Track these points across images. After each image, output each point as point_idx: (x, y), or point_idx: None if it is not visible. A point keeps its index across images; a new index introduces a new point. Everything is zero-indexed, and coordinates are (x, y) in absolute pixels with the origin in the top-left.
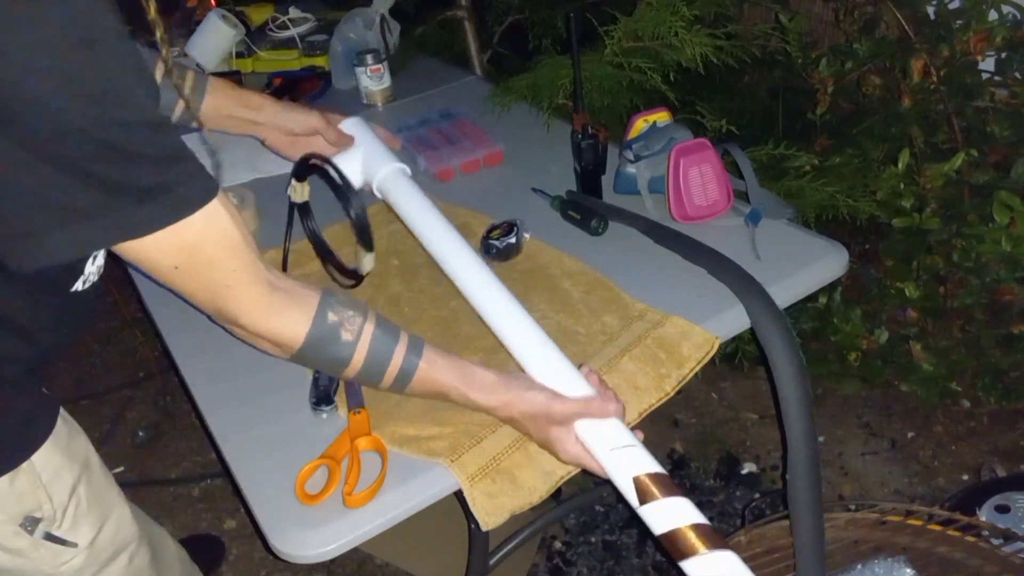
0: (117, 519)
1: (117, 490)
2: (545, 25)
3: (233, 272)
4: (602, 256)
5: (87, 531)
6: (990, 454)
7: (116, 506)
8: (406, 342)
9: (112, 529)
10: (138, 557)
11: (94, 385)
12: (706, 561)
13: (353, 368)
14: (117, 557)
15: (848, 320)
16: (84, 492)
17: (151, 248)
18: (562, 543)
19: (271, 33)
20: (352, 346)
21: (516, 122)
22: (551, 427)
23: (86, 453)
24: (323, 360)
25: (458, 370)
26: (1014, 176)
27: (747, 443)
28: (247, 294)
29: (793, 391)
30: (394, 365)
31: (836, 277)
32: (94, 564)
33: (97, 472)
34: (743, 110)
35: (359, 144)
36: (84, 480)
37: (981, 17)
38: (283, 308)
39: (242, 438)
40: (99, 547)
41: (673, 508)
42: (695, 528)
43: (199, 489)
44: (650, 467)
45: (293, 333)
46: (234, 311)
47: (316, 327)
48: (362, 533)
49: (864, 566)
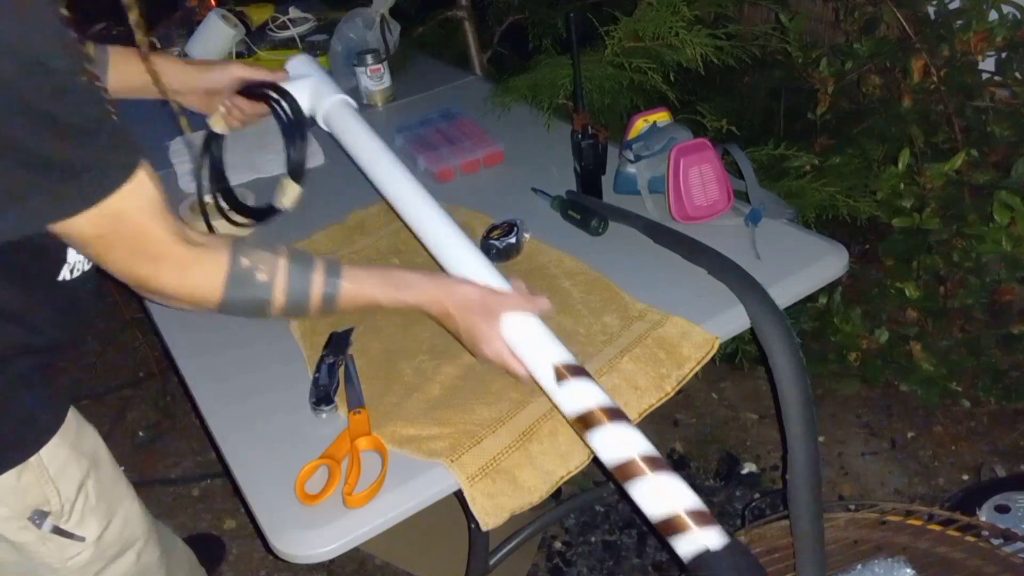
0: (125, 515)
1: (127, 487)
2: (545, 25)
3: (156, 235)
4: (602, 256)
5: (95, 526)
6: (990, 454)
7: (125, 502)
8: (323, 268)
9: (120, 525)
10: (146, 554)
11: (94, 385)
12: (608, 431)
13: (277, 306)
14: (124, 553)
15: (848, 320)
16: (92, 487)
17: (79, 219)
18: (562, 543)
19: (271, 33)
20: (269, 285)
21: (516, 122)
22: (483, 321)
23: (95, 449)
24: (245, 304)
25: (384, 277)
26: (1014, 176)
27: (747, 443)
28: (168, 255)
29: (793, 391)
30: (316, 293)
31: (836, 277)
32: (101, 559)
33: (106, 468)
34: (743, 110)
35: (307, 77)
36: (92, 475)
37: (981, 17)
38: (198, 263)
39: (242, 438)
40: (106, 542)
41: (586, 390)
42: (604, 410)
43: (199, 489)
44: (568, 359)
45: (211, 285)
46: (154, 273)
47: (232, 275)
48: (362, 533)
49: (864, 566)
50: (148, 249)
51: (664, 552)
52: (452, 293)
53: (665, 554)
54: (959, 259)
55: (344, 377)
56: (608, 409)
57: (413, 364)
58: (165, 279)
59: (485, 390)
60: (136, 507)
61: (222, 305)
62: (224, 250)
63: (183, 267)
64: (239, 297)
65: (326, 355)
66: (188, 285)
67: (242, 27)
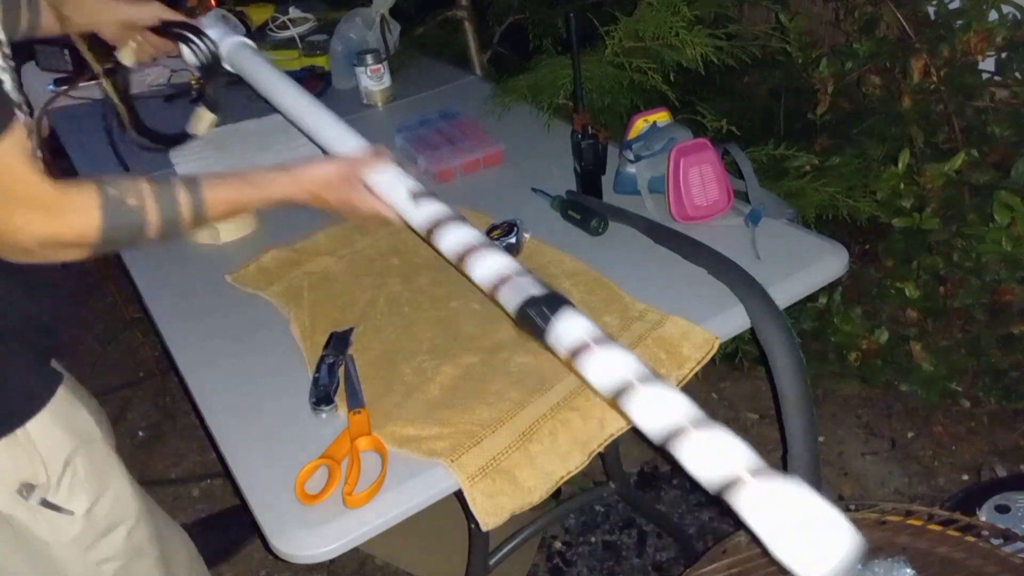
0: (116, 493)
1: (119, 467)
2: (545, 25)
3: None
4: (602, 256)
5: (84, 500)
6: (990, 454)
7: (115, 481)
8: (183, 184)
9: (110, 501)
10: (137, 532)
11: (94, 385)
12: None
13: (153, 227)
14: (115, 529)
15: (848, 320)
16: (81, 464)
17: None
18: (562, 543)
19: (271, 33)
20: (141, 209)
21: (516, 122)
22: (349, 191)
23: (87, 428)
24: (124, 232)
25: (243, 179)
26: (1014, 176)
27: (747, 443)
28: (41, 199)
29: (793, 391)
30: (184, 206)
31: (836, 277)
32: (92, 534)
33: (99, 447)
34: (743, 110)
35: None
36: (82, 452)
37: (981, 17)
38: (71, 201)
39: (242, 438)
40: (96, 517)
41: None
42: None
43: (199, 489)
44: (423, 188)
45: (89, 219)
46: (27, 222)
47: (105, 206)
48: (362, 533)
49: (864, 566)
50: (22, 194)
51: (664, 552)
52: (311, 178)
53: (665, 554)
54: (959, 259)
55: (344, 377)
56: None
57: (413, 364)
58: (39, 225)
59: (485, 390)
60: (127, 487)
61: (102, 238)
62: (91, 185)
63: (58, 209)
64: (117, 226)
65: (326, 355)
66: (66, 225)
67: (242, 27)
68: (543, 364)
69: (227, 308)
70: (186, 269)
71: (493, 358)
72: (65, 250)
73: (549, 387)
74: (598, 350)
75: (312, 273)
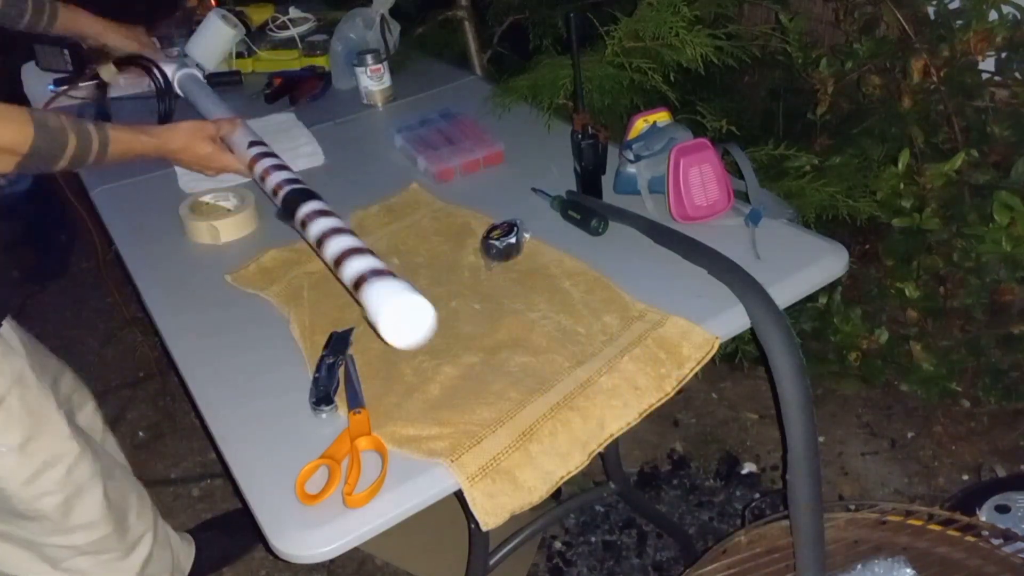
0: (52, 434)
1: (57, 412)
2: (545, 25)
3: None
4: (602, 256)
5: (17, 435)
6: (990, 454)
7: (51, 423)
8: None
9: (46, 441)
10: (78, 470)
11: (94, 385)
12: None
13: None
14: (55, 465)
15: (848, 320)
16: (15, 403)
17: None
18: (562, 543)
19: (271, 33)
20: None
21: (516, 122)
22: (207, 145)
23: (20, 371)
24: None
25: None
26: (1014, 176)
27: (747, 443)
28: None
29: (793, 391)
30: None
31: (836, 277)
32: (29, 466)
33: (33, 390)
34: (743, 110)
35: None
36: (15, 392)
37: (981, 17)
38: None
39: (242, 438)
40: (31, 451)
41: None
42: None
43: (199, 489)
44: (266, 146)
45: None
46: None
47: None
48: (362, 533)
49: (864, 566)
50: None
51: (664, 552)
52: (172, 138)
53: (665, 554)
54: (959, 259)
55: (344, 377)
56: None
57: (413, 364)
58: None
59: (485, 390)
60: (65, 429)
61: (30, 149)
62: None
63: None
64: (43, 142)
65: (326, 355)
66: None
67: (242, 27)
68: (543, 364)
69: (227, 308)
70: (186, 269)
71: (493, 358)
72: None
73: (549, 387)
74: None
75: (312, 273)
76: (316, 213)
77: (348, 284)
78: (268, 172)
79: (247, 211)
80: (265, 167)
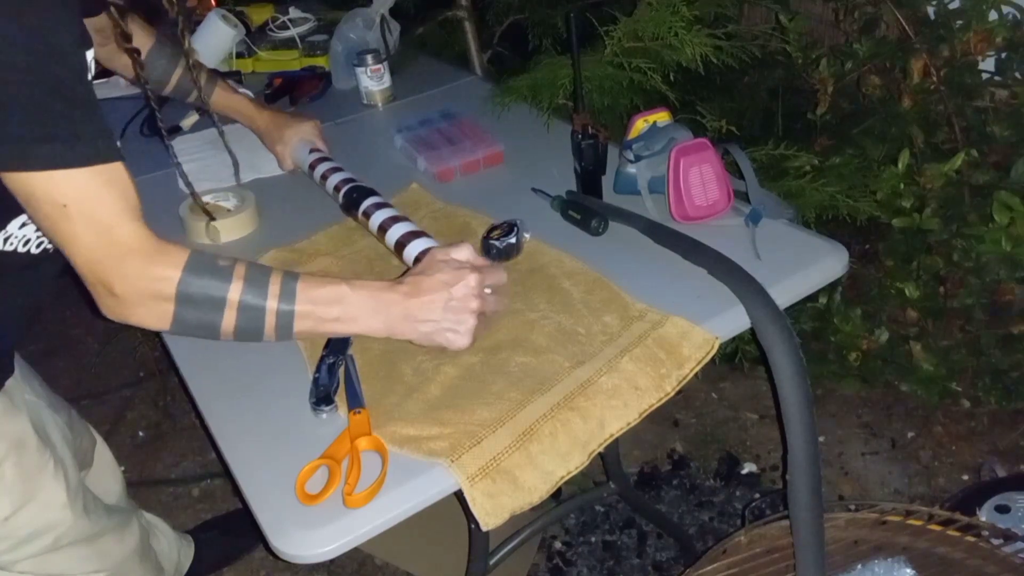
0: (44, 502)
1: (54, 475)
2: (545, 25)
3: (119, 216)
4: (602, 256)
5: (6, 505)
6: (990, 454)
7: (47, 489)
8: (279, 272)
9: (35, 510)
10: (67, 540)
11: (94, 385)
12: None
13: (231, 300)
14: (40, 536)
15: (848, 320)
16: (9, 470)
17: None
18: (562, 543)
19: (271, 33)
20: (230, 271)
21: (516, 122)
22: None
23: (21, 434)
24: (201, 304)
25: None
26: (1014, 176)
27: (747, 443)
28: (131, 236)
29: (793, 391)
30: (273, 284)
31: (836, 277)
32: (9, 539)
33: (31, 455)
34: (743, 110)
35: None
36: (11, 459)
37: (981, 17)
38: (161, 249)
39: (242, 438)
40: (16, 524)
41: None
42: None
43: (199, 489)
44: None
45: (172, 271)
46: (116, 260)
47: (192, 259)
48: (362, 533)
49: (864, 566)
50: (111, 226)
51: (664, 552)
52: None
53: (665, 554)
54: (959, 259)
55: (344, 377)
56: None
57: (413, 364)
58: (131, 266)
59: (485, 390)
60: (61, 495)
61: (181, 295)
62: (181, 249)
63: (148, 254)
64: (197, 285)
65: (326, 355)
66: (150, 275)
67: (242, 27)
68: (543, 364)
69: None
70: None
71: (493, 358)
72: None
73: (549, 387)
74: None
75: (312, 273)
76: (375, 206)
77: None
78: (328, 174)
79: (247, 211)
80: (324, 170)
